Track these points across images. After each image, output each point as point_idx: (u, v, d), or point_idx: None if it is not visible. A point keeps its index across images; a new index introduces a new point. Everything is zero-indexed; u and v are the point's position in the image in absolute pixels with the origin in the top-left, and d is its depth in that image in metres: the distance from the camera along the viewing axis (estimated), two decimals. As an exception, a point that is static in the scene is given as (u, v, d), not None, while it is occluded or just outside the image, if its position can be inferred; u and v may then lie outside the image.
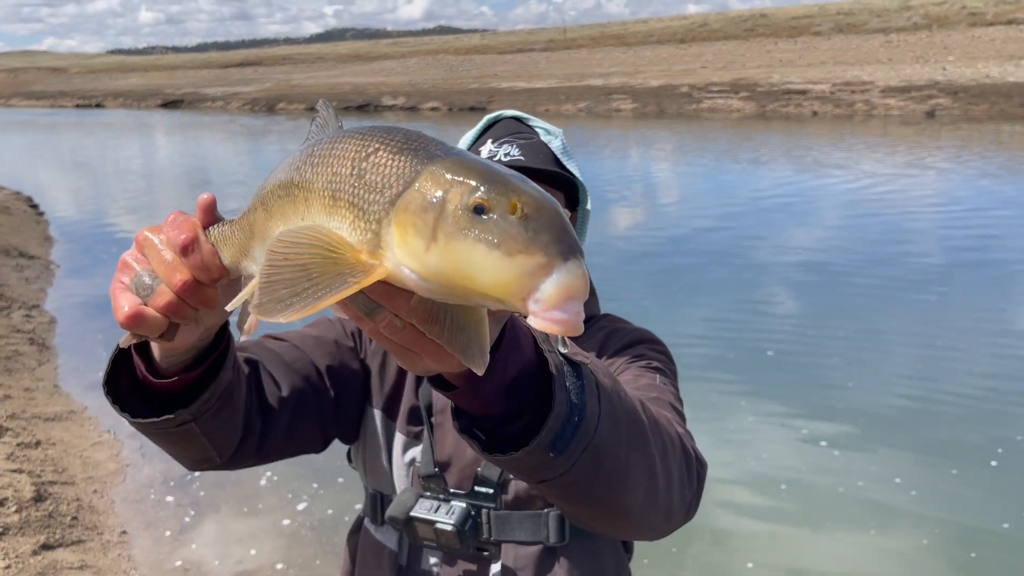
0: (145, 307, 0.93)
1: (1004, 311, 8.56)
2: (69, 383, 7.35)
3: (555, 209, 0.69)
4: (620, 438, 1.03)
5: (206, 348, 1.12)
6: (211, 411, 1.19)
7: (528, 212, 0.67)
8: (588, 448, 0.98)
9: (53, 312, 9.56)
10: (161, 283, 0.92)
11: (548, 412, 0.94)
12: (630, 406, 1.07)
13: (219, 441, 1.30)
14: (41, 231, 14.77)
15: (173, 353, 1.08)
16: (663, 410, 1.30)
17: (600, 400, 0.99)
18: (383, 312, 0.77)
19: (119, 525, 5.01)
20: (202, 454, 1.31)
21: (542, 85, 48.69)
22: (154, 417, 1.14)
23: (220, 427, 1.27)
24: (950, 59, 43.10)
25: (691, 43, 76.17)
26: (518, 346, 0.95)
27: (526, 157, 1.60)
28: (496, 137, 1.66)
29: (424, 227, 0.68)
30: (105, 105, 73.14)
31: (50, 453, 5.78)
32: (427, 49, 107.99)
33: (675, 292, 9.57)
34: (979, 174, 17.80)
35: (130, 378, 1.16)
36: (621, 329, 1.64)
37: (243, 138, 35.91)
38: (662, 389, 1.43)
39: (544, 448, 0.94)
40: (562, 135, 1.71)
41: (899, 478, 5.31)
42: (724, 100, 38.16)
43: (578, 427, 0.96)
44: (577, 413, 0.96)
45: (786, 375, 7.07)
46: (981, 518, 4.87)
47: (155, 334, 0.96)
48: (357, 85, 60.45)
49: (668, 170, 20.70)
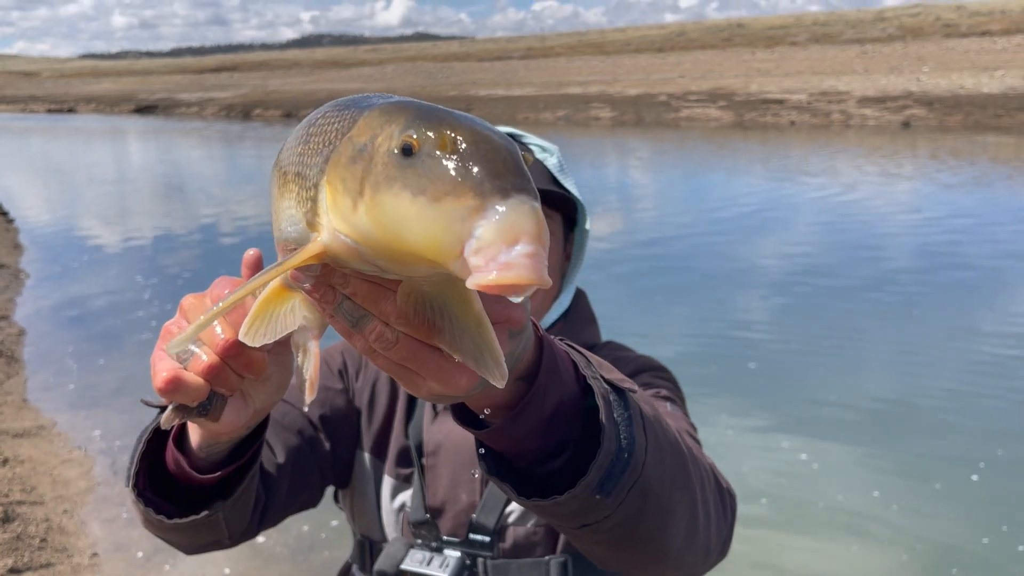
0: (184, 371, 0.82)
1: (986, 323, 8.55)
2: (38, 397, 7.15)
3: (496, 141, 0.56)
4: (665, 471, 0.91)
5: (246, 436, 1.00)
6: (236, 497, 1.07)
7: (462, 147, 0.55)
8: (636, 485, 0.86)
9: (22, 323, 9.33)
10: (203, 347, 0.82)
11: (594, 447, 0.83)
12: (673, 437, 0.95)
13: (235, 524, 1.15)
14: (10, 239, 14.49)
15: (216, 441, 0.97)
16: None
17: (647, 431, 0.88)
18: (371, 321, 0.65)
19: (90, 547, 4.85)
20: (213, 538, 1.16)
21: (521, 93, 48.76)
22: (193, 515, 1.04)
23: (240, 510, 1.13)
24: (925, 70, 43.58)
25: (669, 52, 76.67)
26: (556, 372, 0.83)
27: None
28: None
29: (352, 181, 0.58)
30: (77, 110, 72.50)
31: (18, 471, 5.61)
32: (405, 56, 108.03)
33: (656, 303, 9.50)
34: (954, 183, 17.93)
35: (148, 471, 1.05)
36: (623, 357, 1.54)
37: (219, 144, 35.64)
38: (676, 417, 1.33)
39: (591, 490, 0.82)
40: (558, 152, 1.60)
41: (879, 492, 5.26)
42: (702, 109, 38.35)
43: (628, 464, 0.84)
44: (627, 449, 0.84)
45: (766, 387, 7.01)
46: (961, 533, 4.82)
47: (195, 401, 0.84)
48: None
49: (646, 179, 20.70)
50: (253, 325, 0.69)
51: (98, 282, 11.33)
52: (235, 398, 0.89)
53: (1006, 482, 5.34)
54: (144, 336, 8.81)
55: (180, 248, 13.80)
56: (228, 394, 0.86)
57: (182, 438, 1.02)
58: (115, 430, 6.51)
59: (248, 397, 0.91)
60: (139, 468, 1.04)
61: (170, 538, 1.16)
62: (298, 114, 52.17)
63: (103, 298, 10.43)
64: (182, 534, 1.11)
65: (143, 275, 11.71)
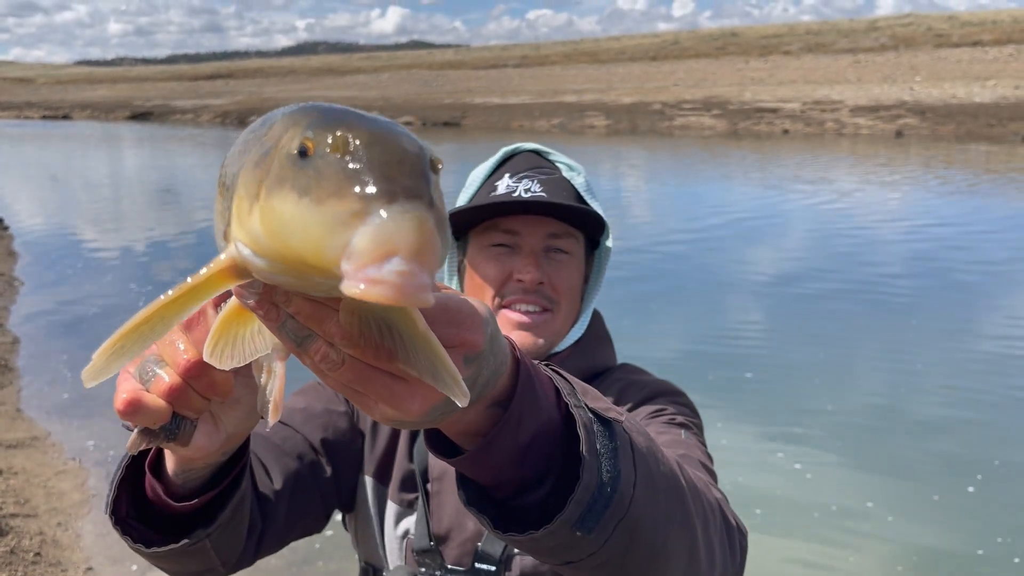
0: (146, 392, 0.79)
1: (980, 328, 8.59)
2: (32, 407, 7.12)
3: (395, 143, 0.52)
4: (658, 508, 0.85)
5: (225, 462, 0.97)
6: (224, 524, 1.03)
7: (355, 147, 0.51)
8: (623, 523, 0.81)
9: (16, 331, 9.30)
10: (164, 368, 0.78)
11: (574, 481, 0.78)
12: (668, 470, 0.89)
13: (226, 552, 1.11)
14: (5, 245, 14.45)
15: (190, 467, 0.94)
16: (696, 471, 1.12)
17: (636, 464, 0.82)
18: (316, 341, 0.61)
19: (84, 561, 4.82)
20: (205, 566, 1.12)
21: (516, 101, 48.84)
22: (172, 543, 0.99)
23: (230, 537, 1.09)
24: (917, 79, 43.79)
25: (663, 60, 76.89)
26: (534, 399, 0.79)
27: (548, 193, 1.45)
28: (515, 171, 1.51)
29: (253, 184, 0.54)
30: (73, 117, 72.38)
31: (12, 483, 5.58)
32: (401, 64, 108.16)
33: (651, 309, 9.51)
34: (946, 192, 18.02)
35: (131, 497, 1.01)
36: (639, 381, 1.50)
37: (214, 151, 35.62)
38: (689, 445, 1.31)
39: (570, 526, 0.78)
40: (584, 172, 1.57)
41: (872, 502, 5.28)
42: (696, 117, 38.46)
43: (611, 499, 0.79)
44: (611, 483, 0.79)
45: (761, 395, 7.02)
46: (957, 543, 4.84)
47: (156, 424, 0.80)
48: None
49: (641, 187, 20.75)
50: (217, 345, 0.65)
51: (93, 289, 11.31)
52: (205, 422, 0.84)
53: (1002, 493, 5.36)
54: (139, 345, 8.79)
55: (174, 255, 13.79)
56: (194, 417, 0.82)
57: (159, 464, 0.97)
58: (110, 441, 6.48)
59: (219, 421, 0.86)
60: (117, 494, 1.00)
61: (160, 565, 1.10)
62: (293, 121, 52.32)
63: (98, 305, 10.41)
64: (168, 562, 1.08)
65: (137, 283, 11.70)
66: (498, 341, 0.74)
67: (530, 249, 1.44)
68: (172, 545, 1.00)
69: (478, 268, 1.47)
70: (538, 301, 1.44)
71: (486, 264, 1.46)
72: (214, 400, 0.81)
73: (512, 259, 1.45)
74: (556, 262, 1.46)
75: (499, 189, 1.48)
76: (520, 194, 1.45)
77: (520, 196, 1.44)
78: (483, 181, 1.54)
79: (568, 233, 1.47)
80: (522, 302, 1.44)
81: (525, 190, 1.45)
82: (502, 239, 1.45)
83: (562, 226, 1.46)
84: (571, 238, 1.48)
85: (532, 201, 1.43)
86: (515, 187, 1.46)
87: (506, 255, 1.45)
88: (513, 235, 1.45)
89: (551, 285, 1.44)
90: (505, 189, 1.47)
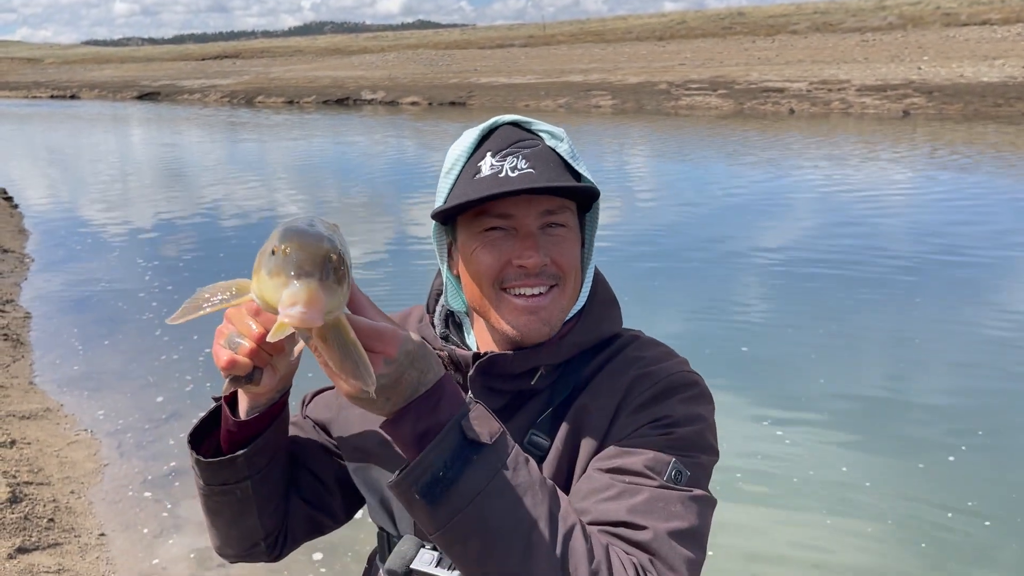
0: (236, 356, 1.22)
1: (984, 310, 8.65)
2: (45, 380, 7.26)
3: (304, 251, 0.96)
4: (505, 536, 1.14)
5: (273, 406, 1.42)
6: (262, 473, 1.45)
7: (287, 252, 0.95)
8: (463, 516, 1.12)
9: (28, 307, 9.44)
10: (245, 339, 1.22)
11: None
12: (534, 517, 1.15)
13: (265, 517, 1.51)
14: (15, 224, 14.58)
15: (256, 404, 1.39)
16: (642, 552, 1.22)
17: (491, 483, 1.14)
18: (310, 339, 1.03)
19: (97, 527, 4.96)
20: (251, 535, 1.53)
21: (522, 81, 48.65)
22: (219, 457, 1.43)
23: (267, 499, 1.50)
24: (925, 59, 43.50)
25: (669, 40, 76.44)
26: (434, 408, 1.15)
27: (536, 168, 1.39)
28: (497, 149, 1.43)
29: (257, 265, 1.00)
30: (80, 96, 72.30)
31: (25, 453, 5.71)
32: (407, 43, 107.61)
33: (655, 288, 9.59)
34: (952, 172, 17.98)
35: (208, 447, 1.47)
36: (648, 374, 1.42)
37: (221, 131, 35.63)
38: (666, 502, 1.27)
39: (411, 488, 1.13)
40: (568, 137, 1.50)
41: (861, 472, 5.44)
42: (702, 97, 38.30)
43: (448, 487, 1.12)
44: (450, 476, 1.12)
45: (756, 371, 7.14)
46: (932, 507, 5.02)
47: (244, 374, 1.23)
48: (336, 79, 60.12)
49: (645, 166, 20.75)
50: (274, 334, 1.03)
51: (101, 265, 11.45)
52: (267, 370, 1.26)
53: (979, 463, 5.53)
54: (146, 316, 8.93)
55: (180, 232, 13.90)
56: (262, 367, 1.26)
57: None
58: (120, 411, 6.62)
59: (276, 368, 1.28)
60: (198, 425, 1.47)
61: (215, 522, 1.52)
62: (300, 101, 52.08)
63: (106, 281, 10.54)
64: (220, 510, 1.49)
65: (144, 258, 11.83)
66: (422, 359, 1.15)
67: (527, 231, 1.40)
68: (220, 458, 1.42)
69: (473, 255, 1.42)
70: (543, 281, 1.41)
71: (482, 251, 1.41)
72: (273, 356, 1.25)
73: (509, 243, 1.40)
74: (555, 237, 1.42)
75: (483, 171, 1.41)
76: (507, 174, 1.38)
77: (507, 176, 1.38)
78: (464, 163, 1.46)
79: (563, 207, 1.43)
80: (524, 285, 1.40)
81: (511, 168, 1.39)
82: (495, 223, 1.41)
83: (556, 201, 1.42)
84: (566, 211, 1.44)
85: (520, 178, 1.38)
86: (500, 166, 1.40)
87: (502, 239, 1.41)
88: (507, 218, 1.40)
89: (554, 263, 1.41)
90: (490, 170, 1.40)
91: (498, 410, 1.37)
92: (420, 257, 11.41)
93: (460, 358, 1.46)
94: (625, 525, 1.23)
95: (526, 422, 1.43)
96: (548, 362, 1.45)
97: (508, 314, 1.40)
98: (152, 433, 6.24)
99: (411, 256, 11.70)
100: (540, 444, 1.40)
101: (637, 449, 1.32)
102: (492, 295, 1.41)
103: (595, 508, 1.27)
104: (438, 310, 1.61)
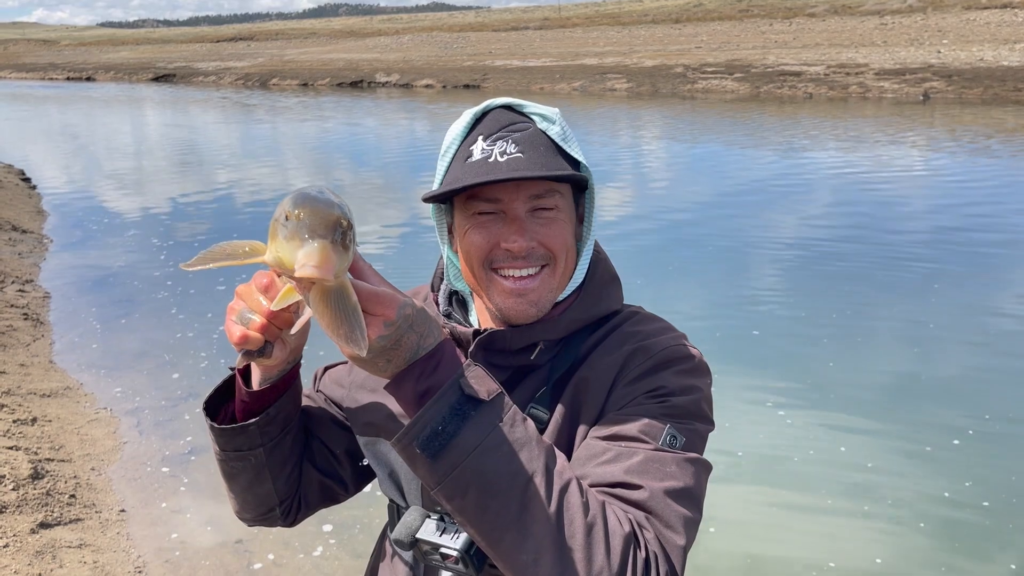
0: (248, 330, 1.28)
1: (990, 291, 8.62)
2: (64, 359, 7.35)
3: (315, 216, 1.02)
4: (502, 489, 1.17)
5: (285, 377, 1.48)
6: (275, 441, 1.53)
7: (299, 217, 1.02)
8: (461, 469, 1.16)
9: (47, 287, 9.54)
10: (255, 314, 1.29)
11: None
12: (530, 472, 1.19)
13: (280, 484, 1.59)
14: (34, 205, 14.69)
15: (268, 376, 1.45)
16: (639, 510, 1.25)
17: (488, 437, 1.18)
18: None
19: (117, 503, 5.03)
20: (266, 501, 1.61)
21: (536, 63, 48.46)
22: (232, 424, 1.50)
23: (281, 466, 1.57)
24: (944, 42, 43.06)
25: (686, 23, 75.94)
26: (434, 369, 1.20)
27: (525, 153, 1.42)
28: (488, 133, 1.47)
29: (272, 230, 1.07)
30: (96, 78, 72.46)
31: (46, 430, 5.79)
32: (422, 26, 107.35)
33: (669, 272, 9.60)
34: (970, 157, 17.84)
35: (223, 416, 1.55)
36: (645, 347, 1.46)
37: (236, 113, 35.69)
38: (661, 463, 1.31)
39: (412, 443, 1.18)
40: (560, 117, 1.51)
41: (864, 454, 5.48)
42: (718, 81, 38.07)
43: (448, 441, 1.17)
44: (449, 431, 1.17)
45: (768, 355, 7.15)
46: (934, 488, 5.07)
47: (256, 347, 1.29)
48: (351, 61, 60.04)
49: (660, 150, 20.68)
50: (280, 301, 1.16)
51: (117, 246, 11.55)
52: (278, 343, 1.33)
53: (983, 447, 5.56)
54: (161, 295, 9.01)
55: (195, 212, 14.00)
56: (273, 340, 1.32)
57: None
58: (137, 389, 6.70)
59: (286, 341, 1.34)
60: (212, 395, 1.54)
61: (232, 487, 1.60)
62: (314, 84, 52.03)
63: (123, 261, 10.65)
64: (236, 475, 1.56)
65: (159, 239, 11.93)
66: (422, 323, 1.20)
67: (514, 215, 1.43)
68: (233, 424, 1.49)
69: (466, 236, 1.47)
70: (532, 263, 1.45)
71: (473, 233, 1.46)
72: (283, 330, 1.31)
73: (498, 226, 1.45)
74: (544, 220, 1.45)
75: (474, 155, 1.45)
76: (496, 158, 1.42)
77: (496, 161, 1.42)
78: (458, 146, 1.51)
79: (551, 190, 1.45)
80: (513, 267, 1.44)
81: (501, 153, 1.43)
82: (485, 207, 1.45)
83: (544, 185, 1.44)
84: (555, 194, 1.46)
85: (509, 164, 1.41)
86: (490, 151, 1.44)
87: (492, 222, 1.45)
88: (495, 202, 1.44)
89: (543, 245, 1.45)
90: (480, 154, 1.44)
91: (502, 383, 1.40)
92: (432, 237, 11.43)
93: (460, 335, 1.52)
94: (622, 486, 1.27)
95: (526, 396, 1.47)
96: (547, 337, 1.49)
97: (497, 295, 1.46)
98: (169, 411, 6.32)
99: (423, 237, 11.73)
100: (540, 417, 1.44)
101: (633, 417, 1.36)
102: (483, 275, 1.47)
103: (592, 472, 1.30)
104: (442, 289, 1.65)
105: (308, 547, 4.60)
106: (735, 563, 4.47)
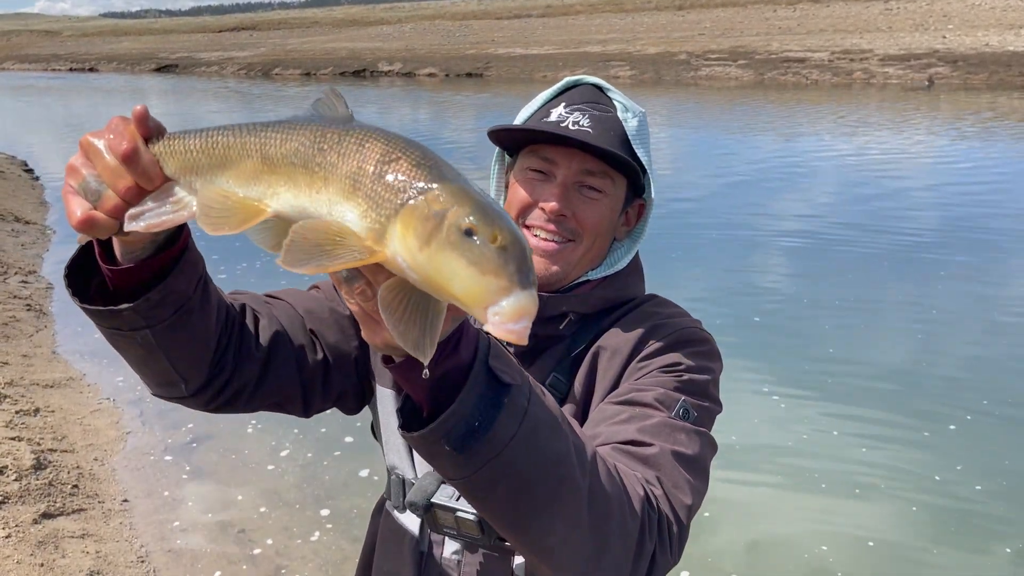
0: (95, 212, 1.00)
1: (995, 278, 8.60)
2: (67, 349, 7.36)
3: (525, 246, 0.83)
4: (535, 477, 1.04)
5: (163, 246, 1.16)
6: (167, 323, 1.21)
7: (504, 244, 0.81)
8: (493, 463, 1.00)
9: (50, 278, 9.54)
10: (107, 188, 1.00)
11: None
12: (561, 454, 1.06)
13: (181, 365, 1.31)
14: (36, 196, 14.69)
15: (132, 248, 1.13)
16: (648, 468, 1.24)
17: (522, 426, 1.01)
18: (360, 280, 0.89)
19: (120, 493, 5.05)
20: (165, 376, 1.32)
21: (539, 51, 48.34)
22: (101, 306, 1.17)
23: (180, 347, 1.27)
24: (949, 27, 42.86)
25: (689, 10, 75.64)
26: (456, 348, 0.99)
27: (595, 130, 1.48)
28: (571, 102, 1.54)
29: (423, 232, 0.81)
30: (99, 69, 72.40)
31: (49, 420, 5.80)
32: (424, 14, 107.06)
33: (671, 259, 9.58)
34: (976, 143, 17.77)
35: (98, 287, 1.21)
36: (662, 325, 1.50)
37: (238, 103, 35.67)
38: (672, 429, 1.31)
39: (439, 438, 0.98)
40: (644, 117, 1.57)
41: (860, 441, 5.49)
42: (722, 68, 37.95)
43: (481, 434, 0.98)
44: (484, 425, 0.99)
45: (768, 341, 7.15)
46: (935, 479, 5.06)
47: (106, 236, 1.04)
48: (353, 50, 59.93)
49: (664, 138, 20.63)
50: (220, 221, 0.92)
51: (121, 239, 11.53)
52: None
53: (979, 432, 5.58)
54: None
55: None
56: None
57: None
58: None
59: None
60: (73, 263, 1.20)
61: (130, 362, 1.32)
62: (317, 73, 51.95)
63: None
64: (129, 352, 1.28)
65: (163, 231, 11.91)
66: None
67: (561, 180, 1.49)
68: (101, 307, 1.17)
69: (513, 185, 1.55)
70: (559, 232, 1.49)
71: (519, 186, 1.53)
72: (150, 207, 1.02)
73: (543, 187, 1.50)
74: (585, 198, 1.50)
75: (551, 116, 1.52)
76: (568, 126, 1.48)
77: (567, 128, 1.48)
78: (541, 105, 1.59)
79: (604, 172, 1.50)
80: (541, 228, 1.49)
81: (574, 123, 1.49)
82: (539, 165, 1.51)
83: (599, 164, 1.49)
84: (607, 178, 1.50)
85: (576, 134, 1.45)
86: (566, 117, 1.50)
87: (539, 181, 1.51)
88: (550, 163, 1.50)
89: (575, 218, 1.49)
90: (556, 118, 1.51)
91: (526, 352, 1.48)
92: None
93: None
94: (633, 443, 1.28)
95: (550, 365, 1.51)
96: (577, 309, 1.53)
97: None
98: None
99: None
100: (559, 386, 1.48)
101: (649, 387, 1.38)
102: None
103: (606, 431, 1.32)
104: None
105: (306, 533, 4.66)
106: (731, 547, 4.49)
